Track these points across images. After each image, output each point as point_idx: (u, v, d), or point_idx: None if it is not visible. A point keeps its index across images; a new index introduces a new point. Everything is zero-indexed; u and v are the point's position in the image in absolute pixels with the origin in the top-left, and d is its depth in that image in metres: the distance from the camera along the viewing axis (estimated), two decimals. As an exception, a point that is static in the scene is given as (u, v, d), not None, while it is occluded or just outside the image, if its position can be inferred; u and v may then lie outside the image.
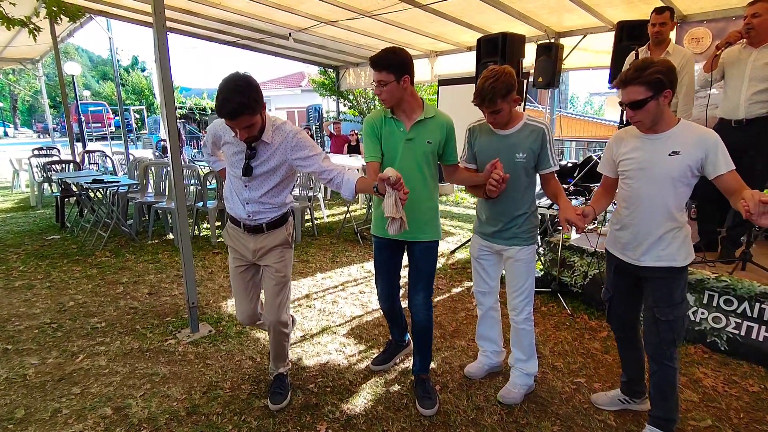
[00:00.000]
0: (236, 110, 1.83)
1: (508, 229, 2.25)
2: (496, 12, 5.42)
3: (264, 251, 2.21)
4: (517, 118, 2.16)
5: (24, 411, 2.26)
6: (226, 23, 7.21)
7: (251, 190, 2.12)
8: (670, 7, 3.42)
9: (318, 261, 4.65)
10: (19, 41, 8.87)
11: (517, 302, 2.31)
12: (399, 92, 2.10)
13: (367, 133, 2.25)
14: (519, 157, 2.14)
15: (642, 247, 1.91)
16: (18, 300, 3.61)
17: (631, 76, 1.75)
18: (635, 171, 1.88)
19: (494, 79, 1.99)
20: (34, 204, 7.42)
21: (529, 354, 2.37)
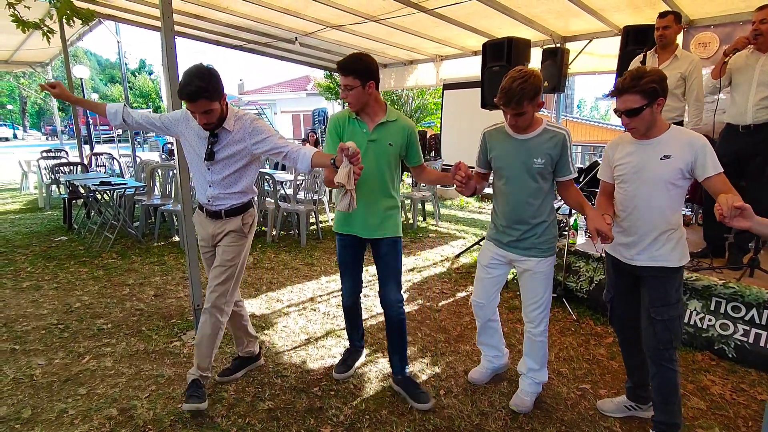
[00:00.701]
0: (195, 93, 1.99)
1: (526, 238, 2.19)
2: (502, 17, 5.42)
3: (220, 236, 2.32)
4: (537, 123, 2.11)
5: (31, 411, 2.28)
6: (234, 27, 7.26)
7: (213, 173, 2.25)
8: (674, 11, 3.41)
9: (323, 264, 4.66)
10: (29, 44, 8.98)
11: (535, 315, 2.27)
12: (364, 97, 2.20)
13: (329, 130, 2.38)
14: (537, 162, 2.09)
15: (638, 247, 1.96)
16: (26, 300, 3.65)
17: (627, 85, 1.80)
18: (630, 175, 1.94)
19: (523, 81, 1.94)
20: (42, 206, 7.49)
21: (542, 364, 2.35)
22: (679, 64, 3.31)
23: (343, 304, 2.63)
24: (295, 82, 25.13)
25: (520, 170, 2.12)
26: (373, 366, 2.74)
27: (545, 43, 6.06)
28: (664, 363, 1.94)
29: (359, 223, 2.33)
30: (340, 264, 2.52)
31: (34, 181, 8.87)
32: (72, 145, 9.61)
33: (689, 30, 4.85)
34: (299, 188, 5.66)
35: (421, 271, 4.52)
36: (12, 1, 4.21)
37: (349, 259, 2.47)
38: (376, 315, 3.48)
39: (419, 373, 2.67)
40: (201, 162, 2.25)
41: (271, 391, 2.48)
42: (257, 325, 3.27)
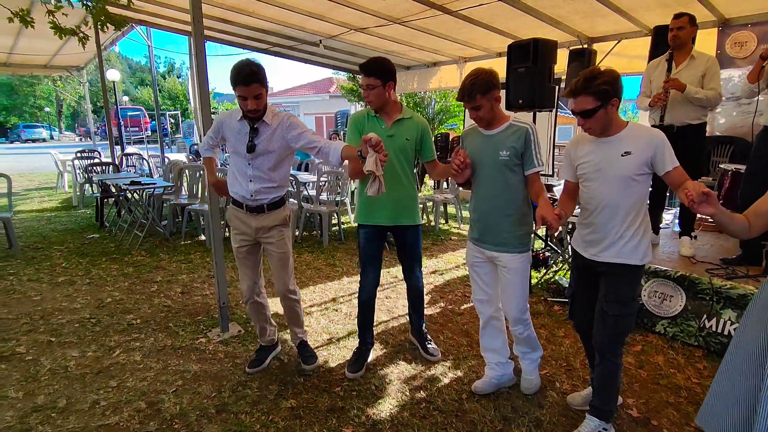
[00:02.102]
0: (250, 75, 2.16)
1: (495, 232, 2.26)
2: (528, 18, 5.36)
3: (265, 230, 2.48)
4: (503, 119, 2.25)
5: (65, 401, 2.37)
6: (259, 31, 7.39)
7: (254, 167, 2.39)
8: (689, 14, 3.33)
9: (344, 265, 4.69)
10: (66, 50, 9.36)
11: (513, 312, 2.32)
12: (384, 95, 2.44)
13: (350, 127, 2.60)
14: (502, 155, 2.19)
15: (603, 243, 1.98)
16: (61, 295, 3.79)
17: (580, 87, 1.85)
18: (592, 173, 1.98)
19: (474, 77, 2.14)
20: (76, 204, 7.79)
21: (534, 347, 2.48)
22: (696, 64, 3.27)
23: (362, 299, 2.73)
24: (318, 85, 25.40)
25: (489, 164, 2.24)
26: (394, 368, 2.74)
27: (572, 44, 5.95)
28: (609, 356, 2.02)
29: (385, 213, 2.54)
30: (364, 256, 2.66)
31: (69, 181, 9.23)
32: (104, 146, 9.97)
33: (724, 29, 4.69)
34: (322, 189, 5.71)
35: (443, 273, 4.50)
36: (52, 9, 4.41)
37: (374, 251, 2.65)
38: (398, 317, 3.48)
39: (441, 377, 2.65)
40: (241, 158, 2.38)
41: (294, 389, 2.51)
42: (280, 323, 3.31)
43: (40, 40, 8.14)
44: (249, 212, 2.46)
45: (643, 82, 3.61)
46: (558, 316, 3.51)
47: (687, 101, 3.25)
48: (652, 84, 3.49)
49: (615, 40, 5.81)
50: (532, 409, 2.34)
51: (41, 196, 8.84)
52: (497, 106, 2.20)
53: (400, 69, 9.54)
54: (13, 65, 10.54)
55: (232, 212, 2.53)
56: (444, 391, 2.49)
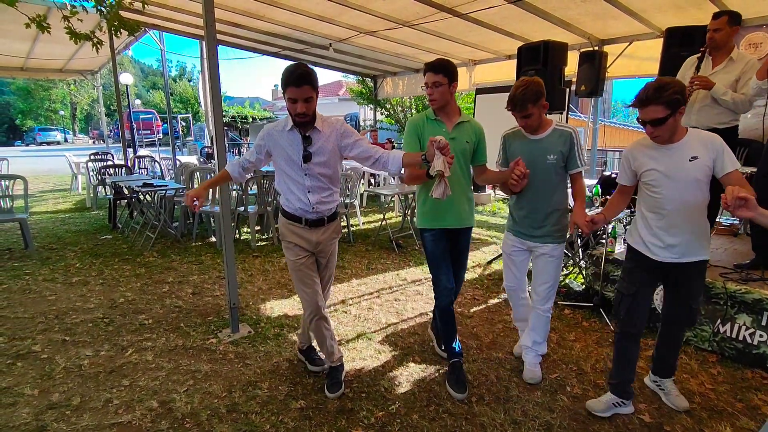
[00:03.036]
0: (302, 77, 2.08)
1: (542, 226, 2.48)
2: (538, 20, 5.34)
3: (324, 243, 2.42)
4: (547, 124, 2.44)
5: (79, 399, 2.40)
6: (270, 35, 7.46)
7: (311, 178, 2.28)
8: (729, 12, 3.22)
9: (354, 267, 4.70)
10: (81, 54, 9.53)
11: (545, 291, 2.57)
12: (447, 95, 2.43)
13: (409, 131, 2.55)
14: (550, 159, 2.40)
15: (680, 246, 2.08)
16: (75, 295, 3.85)
17: (651, 96, 1.92)
18: (662, 179, 2.06)
19: (525, 87, 2.29)
20: (90, 205, 7.90)
21: (544, 338, 2.70)
22: (734, 67, 3.10)
23: (443, 305, 2.57)
24: (327, 88, 25.54)
25: (536, 167, 2.40)
26: (403, 370, 2.74)
27: (582, 46, 5.92)
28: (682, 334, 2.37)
29: (451, 216, 2.54)
30: (433, 260, 2.56)
31: (83, 182, 9.38)
32: (117, 149, 10.10)
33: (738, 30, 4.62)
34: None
35: (452, 276, 4.49)
36: (67, 15, 4.50)
37: (442, 252, 2.56)
38: (407, 319, 3.48)
39: (450, 379, 2.64)
40: (296, 169, 2.27)
41: (304, 390, 2.52)
42: (290, 325, 3.34)
43: (55, 45, 8.30)
44: (309, 227, 2.35)
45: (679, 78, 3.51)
46: (568, 319, 3.48)
47: (713, 104, 3.12)
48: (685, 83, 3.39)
49: (626, 42, 5.77)
50: (543, 413, 2.32)
51: (56, 198, 8.98)
52: (543, 113, 2.37)
53: (409, 72, 9.58)
54: (30, 70, 10.76)
55: (288, 227, 2.39)
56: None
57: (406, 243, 5.59)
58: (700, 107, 3.20)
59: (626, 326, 2.26)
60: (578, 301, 3.74)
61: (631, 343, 2.28)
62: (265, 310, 3.60)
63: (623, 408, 2.33)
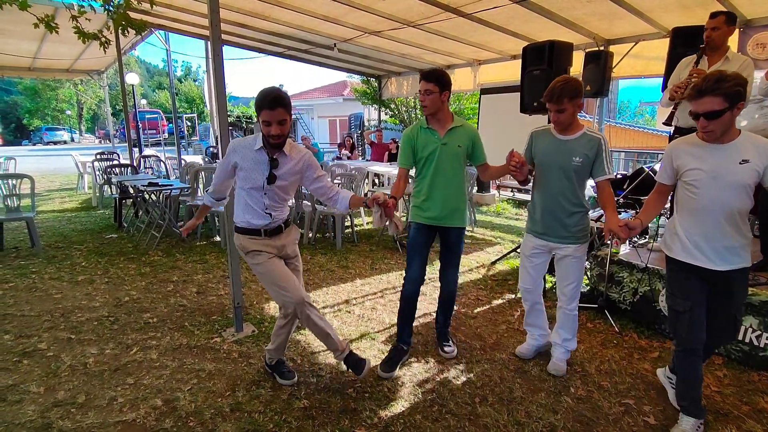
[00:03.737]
0: (277, 100, 2.12)
1: (564, 227, 2.50)
2: (543, 20, 5.33)
3: (288, 246, 2.48)
4: (578, 127, 2.45)
5: (84, 397, 2.42)
6: (275, 35, 7.49)
7: (270, 198, 2.34)
8: (726, 12, 3.22)
9: (357, 267, 4.71)
10: (87, 54, 9.61)
11: (571, 291, 2.60)
12: (438, 103, 2.57)
13: (403, 143, 2.74)
14: (575, 161, 2.40)
15: (723, 252, 1.98)
16: (80, 293, 3.88)
17: (710, 87, 1.81)
18: (706, 180, 1.94)
19: (564, 82, 2.33)
20: (95, 204, 7.96)
21: (573, 334, 2.72)
22: (730, 66, 3.10)
23: (405, 293, 2.80)
24: (332, 88, 25.56)
25: (560, 167, 2.43)
26: (407, 370, 2.74)
27: (588, 46, 5.90)
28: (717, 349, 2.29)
29: (436, 214, 2.68)
30: (411, 249, 2.77)
31: (89, 182, 9.44)
32: (123, 148, 10.16)
33: (745, 30, 4.59)
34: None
35: (456, 276, 4.48)
36: (75, 15, 4.53)
37: (421, 243, 2.75)
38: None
39: (453, 380, 2.64)
40: (257, 188, 2.30)
41: (307, 389, 2.52)
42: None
43: (63, 45, 8.37)
44: (269, 236, 2.40)
45: (672, 79, 3.52)
46: (573, 320, 3.46)
47: None
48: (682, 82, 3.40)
49: (632, 42, 5.74)
50: (546, 415, 2.31)
51: (62, 197, 9.05)
52: (577, 113, 2.39)
53: (413, 72, 9.56)
54: (38, 69, 10.85)
55: (246, 241, 2.39)
56: (457, 394, 2.48)
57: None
58: None
59: (688, 343, 2.09)
60: (583, 302, 3.72)
61: (696, 358, 2.11)
62: (269, 309, 3.61)
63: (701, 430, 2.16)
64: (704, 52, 3.23)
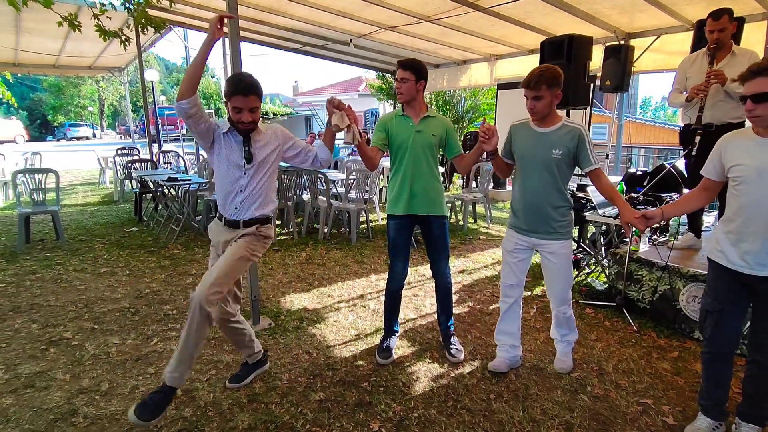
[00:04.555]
0: (251, 86, 2.09)
1: (545, 223, 2.42)
2: (562, 14, 5.24)
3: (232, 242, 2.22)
4: (556, 119, 2.39)
5: (108, 385, 2.49)
6: (291, 30, 7.52)
7: (248, 176, 2.22)
8: (728, 9, 3.13)
9: (372, 262, 4.72)
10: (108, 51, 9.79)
11: (560, 293, 2.53)
12: (414, 91, 2.61)
13: (378, 126, 2.76)
14: (555, 153, 2.33)
15: (762, 255, 1.83)
16: (103, 285, 3.99)
17: (764, 67, 1.72)
18: (752, 177, 1.82)
19: (544, 69, 2.29)
20: (117, 199, 8.14)
21: (572, 328, 2.66)
22: (737, 61, 3.06)
23: (391, 288, 2.84)
24: (347, 84, 25.60)
25: (540, 160, 2.37)
26: (422, 365, 2.75)
27: (608, 40, 5.78)
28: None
29: (413, 202, 2.68)
30: (393, 247, 2.78)
31: (110, 176, 9.65)
32: (143, 144, 10.36)
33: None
34: (351, 187, 5.77)
35: (471, 273, 4.47)
36: (97, 13, 4.63)
37: (403, 241, 2.76)
38: (425, 315, 3.48)
39: (468, 376, 2.64)
40: (235, 167, 2.19)
41: (322, 382, 2.55)
42: (309, 318, 3.38)
43: (85, 42, 8.55)
44: (225, 225, 2.26)
45: (677, 78, 3.46)
46: (590, 318, 3.43)
47: (727, 99, 3.10)
48: (689, 81, 3.34)
49: (654, 35, 5.60)
50: (562, 413, 2.30)
51: (85, 191, 9.28)
52: (555, 103, 2.33)
53: (429, 67, 9.45)
54: (62, 67, 11.10)
55: (213, 224, 2.34)
56: (472, 390, 2.48)
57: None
58: (714, 102, 3.17)
59: (713, 346, 2.04)
60: (600, 301, 3.68)
61: (720, 363, 2.06)
62: (285, 303, 3.65)
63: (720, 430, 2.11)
64: (715, 52, 3.16)
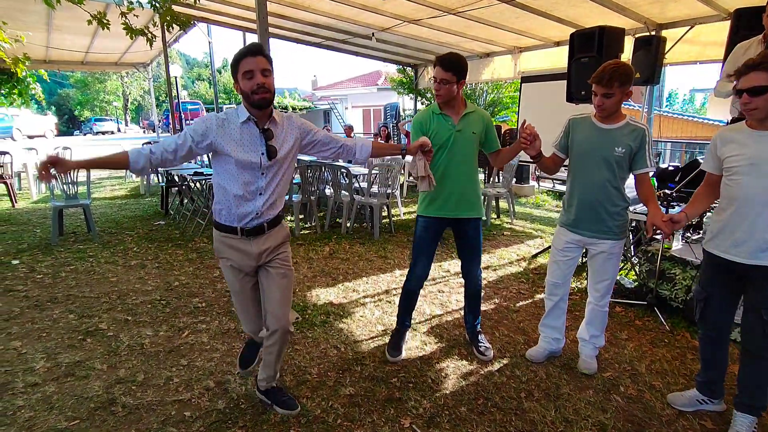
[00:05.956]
0: (257, 48, 1.86)
1: (601, 221, 2.37)
2: (590, 4, 5.11)
3: (269, 251, 2.08)
4: (621, 117, 2.33)
5: (143, 376, 2.56)
6: (313, 25, 7.54)
7: (267, 176, 1.97)
8: None
9: (395, 257, 4.72)
10: (134, 48, 9.99)
11: (605, 288, 2.50)
12: (454, 92, 2.49)
13: (414, 129, 2.65)
14: (617, 151, 2.28)
15: (749, 244, 1.90)
16: (134, 277, 4.09)
17: (758, 62, 1.77)
18: (744, 167, 1.88)
19: (617, 66, 2.20)
20: (143, 192, 8.33)
21: (602, 330, 2.63)
22: None
23: (409, 288, 2.81)
24: (366, 77, 25.51)
25: (600, 157, 2.31)
26: (450, 362, 2.74)
27: (637, 31, 5.61)
28: (765, 355, 1.98)
29: (449, 205, 2.60)
30: (418, 246, 2.72)
31: (136, 171, 9.87)
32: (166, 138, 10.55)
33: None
34: (373, 182, 5.77)
35: (497, 269, 4.42)
36: (124, 11, 4.71)
37: (430, 243, 2.70)
38: (452, 311, 3.47)
39: (498, 374, 2.62)
40: (252, 170, 1.95)
41: (352, 377, 2.56)
42: (336, 313, 3.40)
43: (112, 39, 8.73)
44: (246, 236, 2.01)
45: (727, 66, 3.30)
46: (620, 317, 3.36)
47: None
48: None
49: (687, 25, 5.41)
50: (596, 413, 2.26)
51: (112, 185, 9.52)
52: (623, 101, 2.28)
53: (451, 60, 9.41)
54: (90, 63, 11.39)
55: (223, 241, 2.06)
56: (502, 389, 2.46)
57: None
58: None
59: (703, 329, 2.20)
60: (630, 299, 3.60)
61: (711, 346, 2.18)
62: (311, 297, 3.69)
63: (708, 406, 2.26)
64: (763, 36, 3.00)
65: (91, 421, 2.18)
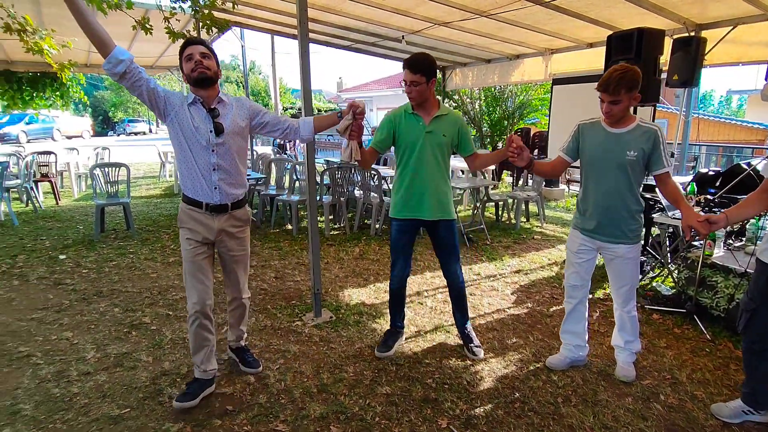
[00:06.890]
0: (201, 40, 2.19)
1: (615, 226, 2.36)
2: (627, 5, 5.00)
3: (228, 230, 2.30)
4: (631, 119, 2.31)
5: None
6: (343, 28, 7.61)
7: (218, 154, 2.18)
8: None
9: (425, 259, 4.74)
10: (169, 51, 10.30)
11: (625, 293, 2.47)
12: (426, 93, 2.49)
13: (382, 124, 2.63)
14: (630, 155, 2.26)
15: None
16: (172, 273, 4.23)
17: None
18: None
19: (623, 71, 2.17)
20: (177, 192, 8.58)
21: (635, 335, 2.57)
22: None
23: (393, 287, 2.85)
24: (391, 79, 25.58)
25: (613, 162, 2.29)
26: (484, 365, 2.74)
27: (676, 32, 5.46)
28: None
29: (423, 207, 2.63)
30: (394, 249, 2.79)
31: (170, 170, 10.18)
32: (199, 139, 10.83)
33: None
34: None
35: (528, 273, 4.38)
36: (167, 16, 4.90)
37: (405, 244, 2.77)
38: (485, 314, 3.47)
39: (533, 377, 2.61)
40: (202, 146, 2.15)
41: (387, 377, 2.60)
42: (369, 313, 3.45)
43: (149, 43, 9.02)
44: (210, 212, 2.22)
45: None
46: (657, 325, 3.29)
47: None
48: None
49: (729, 25, 5.23)
50: (635, 421, 2.23)
51: (147, 184, 9.85)
52: (632, 106, 2.27)
53: (480, 62, 9.35)
54: (127, 66, 11.76)
55: (187, 212, 2.24)
56: (538, 393, 2.46)
57: (477, 237, 5.52)
58: None
59: (747, 340, 2.14)
60: (667, 306, 3.52)
61: (755, 357, 2.13)
62: (344, 297, 3.74)
63: (755, 417, 2.21)
64: None
65: (140, 410, 2.28)
